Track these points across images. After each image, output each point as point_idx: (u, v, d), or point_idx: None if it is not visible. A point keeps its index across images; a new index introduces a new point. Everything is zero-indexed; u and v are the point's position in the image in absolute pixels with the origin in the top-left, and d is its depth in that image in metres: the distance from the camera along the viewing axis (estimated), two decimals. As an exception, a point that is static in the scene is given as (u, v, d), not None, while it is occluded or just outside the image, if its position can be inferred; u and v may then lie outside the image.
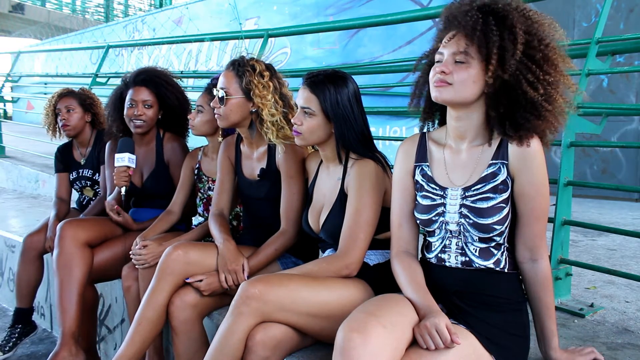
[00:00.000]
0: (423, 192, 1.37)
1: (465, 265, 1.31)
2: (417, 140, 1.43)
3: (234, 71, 1.82)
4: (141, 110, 2.28)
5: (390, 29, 5.49)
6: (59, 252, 2.12)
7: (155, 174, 2.35)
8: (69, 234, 2.14)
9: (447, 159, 1.35)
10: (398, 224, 1.42)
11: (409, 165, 1.41)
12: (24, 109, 10.65)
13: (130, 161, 2.22)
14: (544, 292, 1.31)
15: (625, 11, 5.08)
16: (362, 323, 1.12)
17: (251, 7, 8.20)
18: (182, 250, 1.73)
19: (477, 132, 1.30)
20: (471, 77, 1.22)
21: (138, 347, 1.71)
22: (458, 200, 1.30)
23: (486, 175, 1.28)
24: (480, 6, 1.24)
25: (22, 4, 20.57)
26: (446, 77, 1.24)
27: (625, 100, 5.12)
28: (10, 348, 2.51)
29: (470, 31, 1.21)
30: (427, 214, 1.35)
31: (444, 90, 1.24)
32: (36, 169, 5.32)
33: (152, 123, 2.34)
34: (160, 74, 2.42)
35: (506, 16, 1.21)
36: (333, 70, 1.64)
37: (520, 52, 1.19)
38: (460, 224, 1.30)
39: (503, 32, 1.20)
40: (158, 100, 2.33)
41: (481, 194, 1.27)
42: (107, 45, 5.86)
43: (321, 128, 1.59)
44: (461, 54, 1.22)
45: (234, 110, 1.81)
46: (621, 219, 3.93)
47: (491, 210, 1.26)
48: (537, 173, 1.25)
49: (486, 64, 1.21)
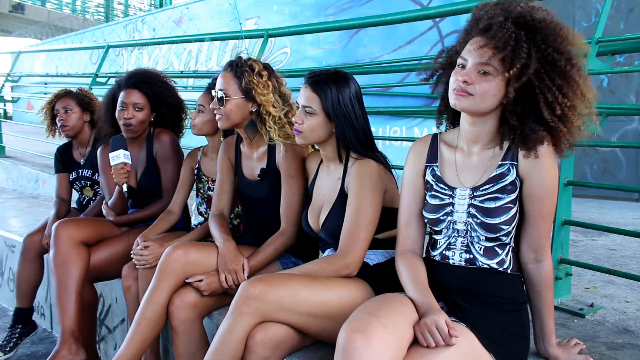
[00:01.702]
0: (432, 191, 1.38)
1: (468, 263, 1.31)
2: (428, 141, 1.43)
3: (231, 72, 1.82)
4: (131, 113, 2.27)
5: (390, 29, 5.49)
6: (55, 252, 2.13)
7: (147, 172, 2.34)
8: (64, 234, 2.14)
9: (459, 160, 1.36)
10: (406, 222, 1.42)
11: (420, 166, 1.42)
12: (24, 109, 10.64)
13: (125, 157, 2.21)
14: (547, 291, 1.32)
15: (625, 11, 5.08)
16: (364, 323, 1.12)
17: (251, 7, 8.20)
18: (182, 250, 1.73)
19: (491, 137, 1.31)
20: (492, 89, 1.21)
21: (138, 347, 1.71)
22: (467, 200, 1.30)
23: (495, 175, 1.28)
24: (516, 18, 1.20)
25: (22, 4, 20.57)
26: (468, 87, 1.22)
27: (625, 100, 5.12)
28: (11, 348, 2.51)
29: (502, 45, 1.18)
30: (435, 213, 1.35)
31: (464, 100, 1.23)
32: (36, 169, 5.32)
33: (143, 126, 2.33)
34: (153, 75, 2.40)
35: (540, 32, 1.19)
36: (335, 70, 1.64)
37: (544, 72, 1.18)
38: (467, 224, 1.30)
39: (531, 50, 1.18)
40: (150, 102, 2.32)
41: (489, 194, 1.28)
42: (107, 45, 5.86)
43: (322, 127, 1.60)
44: (486, 65, 1.21)
45: (234, 110, 1.81)
46: (621, 219, 3.93)
47: (499, 210, 1.26)
48: (546, 176, 1.25)
49: (509, 78, 1.20)
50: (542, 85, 1.19)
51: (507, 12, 1.22)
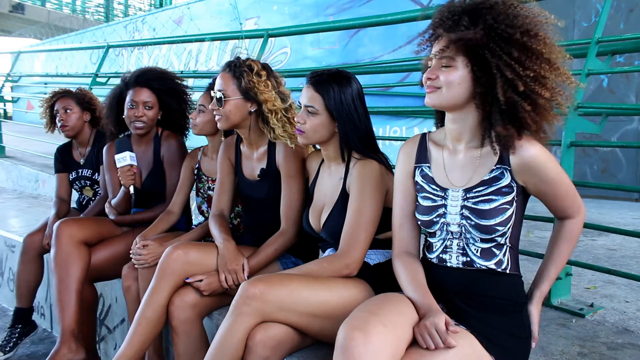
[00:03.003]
0: (424, 192, 1.37)
1: (466, 266, 1.30)
2: (417, 141, 1.42)
3: (230, 73, 1.82)
4: (142, 111, 2.28)
5: (390, 28, 5.48)
6: (56, 251, 2.13)
7: (153, 173, 2.35)
8: (65, 233, 2.15)
9: (446, 159, 1.35)
10: (399, 225, 1.42)
11: (410, 167, 1.41)
12: (24, 109, 10.65)
13: (131, 159, 2.23)
14: (566, 244, 1.34)
15: (625, 11, 5.08)
16: (364, 322, 1.12)
17: (251, 7, 8.20)
18: (182, 250, 1.73)
19: (473, 134, 1.30)
20: (456, 78, 1.22)
21: (138, 347, 1.71)
22: (459, 202, 1.29)
23: (489, 178, 1.27)
24: (465, 6, 1.22)
25: (22, 4, 20.57)
26: (434, 82, 1.25)
27: (625, 100, 5.12)
28: (10, 348, 2.52)
29: (449, 30, 1.20)
30: (428, 215, 1.34)
31: (433, 95, 1.26)
32: (36, 169, 5.32)
33: (153, 124, 2.35)
34: (162, 74, 2.42)
35: (490, 12, 1.18)
36: (337, 69, 1.64)
37: (499, 48, 1.16)
38: (461, 225, 1.29)
39: (477, 29, 1.17)
40: (159, 101, 2.34)
41: (483, 195, 1.26)
42: (107, 45, 5.86)
43: (324, 127, 1.60)
44: (444, 58, 1.23)
45: (233, 111, 1.81)
46: (621, 218, 3.93)
47: (494, 211, 1.25)
48: (545, 172, 1.24)
49: (469, 64, 1.20)
50: (500, 63, 1.17)
51: (458, 6, 1.24)
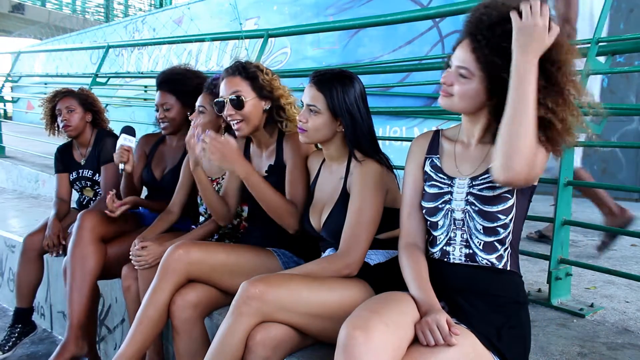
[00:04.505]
0: (431, 181, 1.40)
1: (468, 259, 1.32)
2: (430, 136, 1.47)
3: (240, 75, 1.82)
4: (162, 113, 2.32)
5: (390, 29, 5.48)
6: (76, 243, 2.14)
7: (175, 170, 2.34)
8: (88, 225, 2.17)
9: (458, 152, 1.39)
10: (407, 214, 1.43)
11: (421, 158, 1.44)
12: (24, 109, 10.63)
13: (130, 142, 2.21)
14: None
15: (625, 11, 5.08)
16: (365, 321, 1.12)
17: (251, 7, 8.19)
18: (184, 249, 1.73)
19: (485, 132, 1.34)
20: (470, 91, 1.24)
21: (139, 347, 1.71)
22: (465, 189, 1.32)
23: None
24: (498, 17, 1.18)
25: (22, 4, 20.55)
26: (448, 87, 1.28)
27: (625, 100, 5.12)
28: (9, 347, 2.52)
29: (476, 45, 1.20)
30: (433, 201, 1.37)
31: (445, 99, 1.30)
32: (36, 169, 5.31)
33: (176, 123, 2.34)
34: (179, 74, 2.38)
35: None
36: (340, 69, 1.66)
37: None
38: (465, 212, 1.31)
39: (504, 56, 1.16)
40: (179, 100, 2.32)
41: (488, 182, 1.29)
42: (107, 45, 5.86)
43: (326, 126, 1.60)
44: (463, 68, 1.24)
45: (253, 111, 1.81)
46: (621, 219, 3.92)
47: (497, 198, 1.28)
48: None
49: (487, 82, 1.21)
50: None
51: (490, 16, 1.21)
